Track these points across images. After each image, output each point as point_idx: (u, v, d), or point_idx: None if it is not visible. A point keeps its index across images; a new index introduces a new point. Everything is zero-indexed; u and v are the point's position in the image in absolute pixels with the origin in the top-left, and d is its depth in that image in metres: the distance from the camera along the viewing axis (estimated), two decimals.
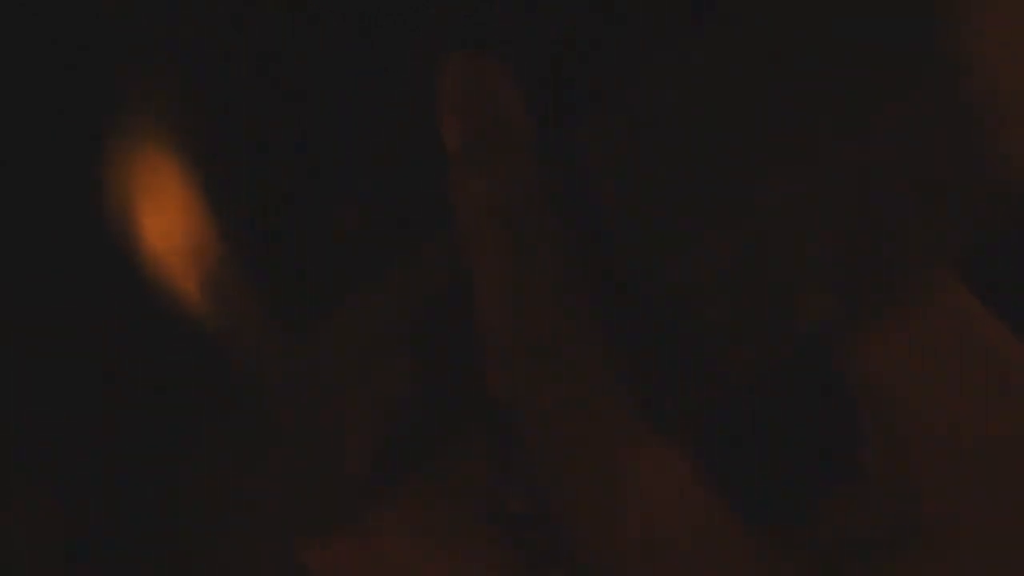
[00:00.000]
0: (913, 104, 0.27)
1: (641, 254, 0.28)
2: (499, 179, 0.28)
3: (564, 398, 0.26)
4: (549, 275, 0.27)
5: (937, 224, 0.27)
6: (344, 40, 0.32)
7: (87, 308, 0.32)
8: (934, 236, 0.27)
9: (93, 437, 0.33)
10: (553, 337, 0.27)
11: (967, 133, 0.27)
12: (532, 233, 0.27)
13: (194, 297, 0.32)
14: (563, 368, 0.27)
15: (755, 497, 0.28)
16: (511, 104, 0.29)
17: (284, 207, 0.32)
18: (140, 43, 0.32)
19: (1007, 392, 0.26)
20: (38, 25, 0.32)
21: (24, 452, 0.33)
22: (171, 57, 0.32)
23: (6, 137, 0.32)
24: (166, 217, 0.32)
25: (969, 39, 0.27)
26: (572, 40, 0.31)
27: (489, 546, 0.28)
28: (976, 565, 0.25)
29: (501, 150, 0.28)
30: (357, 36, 0.32)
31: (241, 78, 0.32)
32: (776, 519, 0.28)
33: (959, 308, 0.27)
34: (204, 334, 0.32)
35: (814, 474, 0.28)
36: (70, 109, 0.32)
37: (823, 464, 0.28)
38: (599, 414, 0.26)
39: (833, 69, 0.28)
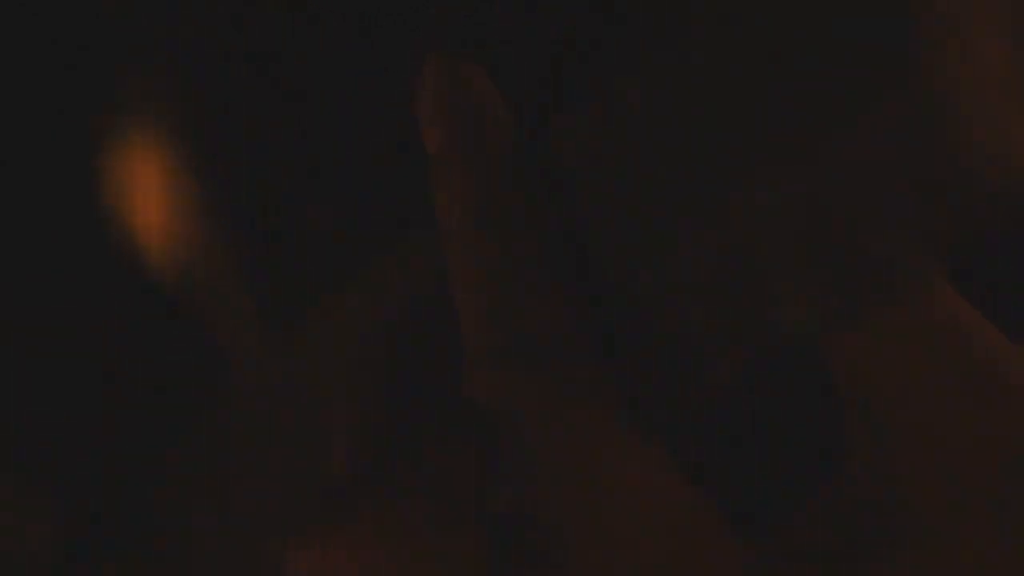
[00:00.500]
0: (913, 104, 0.27)
1: (638, 254, 0.28)
2: (480, 179, 0.28)
3: (550, 399, 0.26)
4: (535, 274, 0.27)
5: (937, 224, 0.27)
6: (343, 40, 0.32)
7: (85, 308, 0.32)
8: (933, 236, 0.27)
9: (92, 437, 0.33)
10: (539, 338, 0.27)
11: (967, 133, 0.27)
12: (517, 233, 0.27)
13: (191, 297, 0.32)
14: (549, 369, 0.27)
15: (746, 498, 0.28)
16: (491, 103, 0.29)
17: (282, 207, 0.32)
18: (140, 43, 0.32)
19: (1005, 393, 0.26)
20: (38, 25, 0.32)
21: (24, 452, 0.33)
22: (170, 57, 0.32)
23: (5, 137, 0.32)
24: (163, 217, 0.32)
25: (969, 39, 0.27)
26: (572, 40, 0.31)
27: (476, 547, 0.28)
28: (974, 566, 0.25)
29: (482, 150, 0.28)
30: (357, 36, 0.32)
31: (240, 78, 0.32)
32: (769, 519, 0.28)
33: (956, 309, 0.27)
34: (201, 334, 0.32)
35: (807, 475, 0.28)
36: (69, 109, 0.32)
37: (816, 465, 0.28)
38: (586, 415, 0.26)
39: (833, 69, 0.28)
